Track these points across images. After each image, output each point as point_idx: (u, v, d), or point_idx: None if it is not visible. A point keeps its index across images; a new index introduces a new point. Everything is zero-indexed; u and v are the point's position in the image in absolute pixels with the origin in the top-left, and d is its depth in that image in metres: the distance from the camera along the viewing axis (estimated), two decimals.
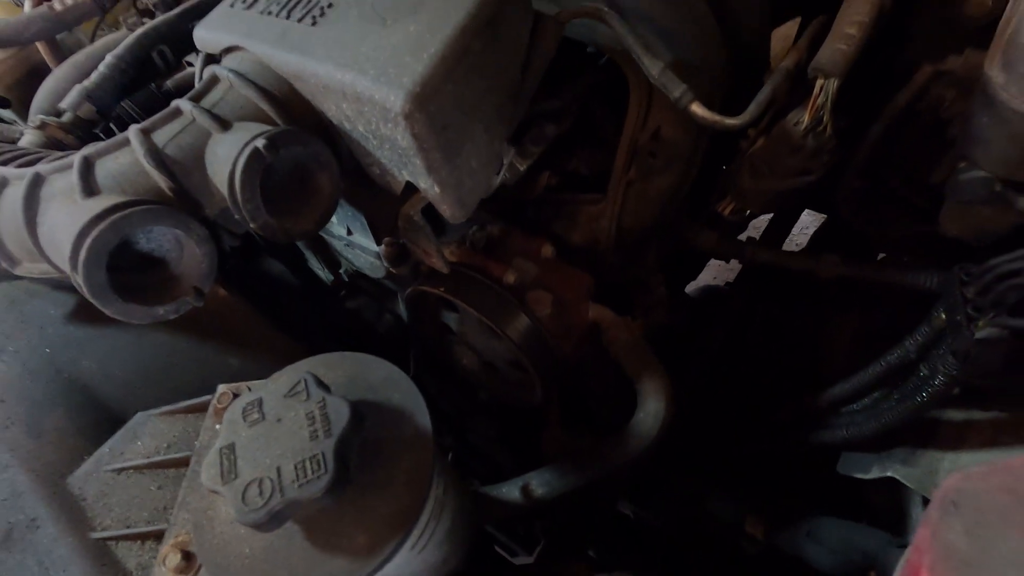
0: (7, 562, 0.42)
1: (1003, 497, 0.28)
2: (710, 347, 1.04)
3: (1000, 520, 0.27)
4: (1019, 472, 0.29)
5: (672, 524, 0.98)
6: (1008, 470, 0.29)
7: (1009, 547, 0.26)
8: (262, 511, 0.33)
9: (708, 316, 1.08)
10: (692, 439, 0.96)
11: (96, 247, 0.45)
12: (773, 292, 1.08)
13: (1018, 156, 0.54)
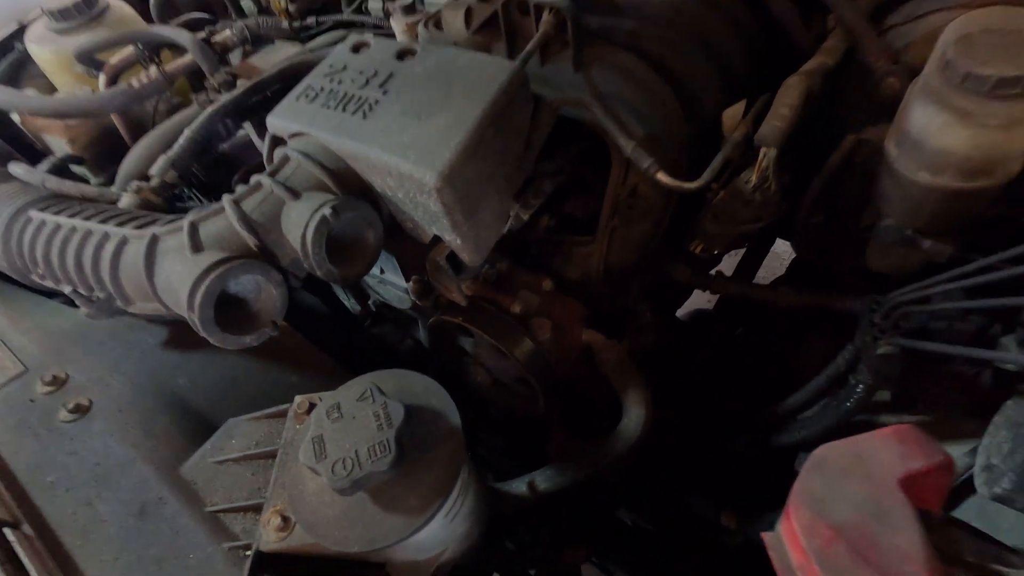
0: (145, 529, 0.56)
1: (848, 460, 0.42)
2: (697, 366, 1.18)
3: (843, 474, 0.41)
4: (861, 444, 0.43)
5: (662, 525, 1.11)
6: (854, 443, 0.43)
7: (847, 489, 0.40)
8: (347, 480, 0.47)
9: (696, 338, 1.22)
10: (679, 447, 1.09)
11: (208, 292, 0.59)
12: (752, 317, 1.22)
13: (913, 210, 0.68)
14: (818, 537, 0.39)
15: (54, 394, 0.69)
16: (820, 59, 0.80)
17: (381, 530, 0.49)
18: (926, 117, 0.61)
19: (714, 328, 1.21)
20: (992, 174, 0.61)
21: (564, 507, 0.89)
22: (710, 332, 1.21)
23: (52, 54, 1.22)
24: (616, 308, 0.93)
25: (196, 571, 0.52)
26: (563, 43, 0.76)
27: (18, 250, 0.79)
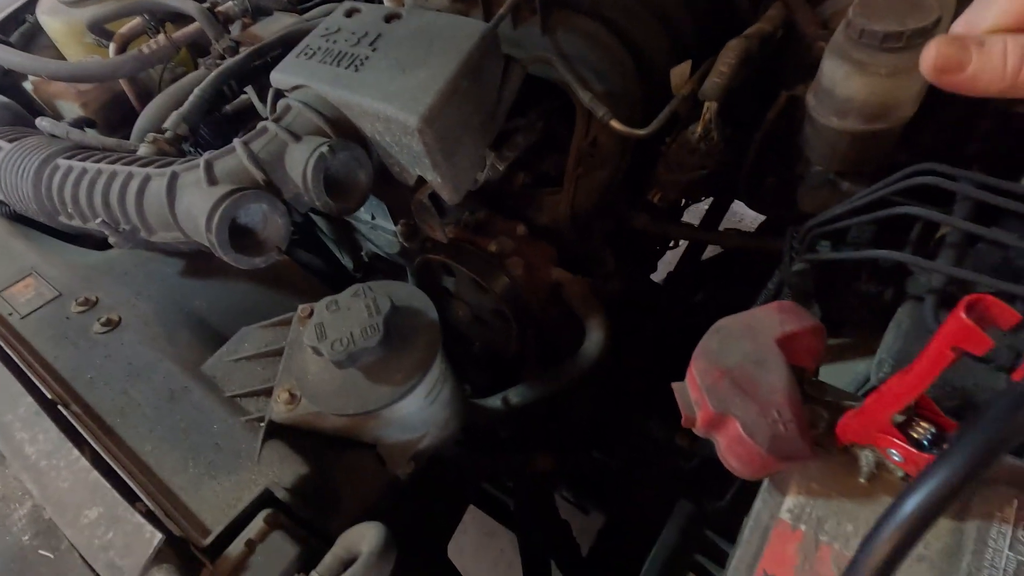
0: (174, 409, 0.66)
1: (739, 325, 0.53)
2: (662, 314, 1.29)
3: (735, 335, 0.52)
4: (751, 315, 0.54)
5: (627, 456, 1.23)
6: (746, 314, 0.54)
7: (736, 345, 0.51)
8: (343, 353, 0.58)
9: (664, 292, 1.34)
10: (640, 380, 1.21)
11: (223, 216, 0.70)
12: (716, 274, 1.34)
13: (829, 154, 0.79)
14: (709, 377, 0.50)
15: (87, 313, 0.79)
16: (760, 26, 0.90)
17: (371, 397, 0.60)
18: (832, 69, 0.72)
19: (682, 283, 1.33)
20: (887, 117, 0.72)
21: (535, 421, 1.00)
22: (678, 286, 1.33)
23: (63, 24, 1.30)
24: (582, 251, 1.04)
25: (219, 437, 0.63)
26: (532, 9, 0.86)
27: (47, 194, 0.89)
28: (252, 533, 0.53)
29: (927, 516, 0.21)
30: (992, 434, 0.21)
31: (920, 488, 0.22)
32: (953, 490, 0.21)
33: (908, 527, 0.21)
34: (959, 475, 0.21)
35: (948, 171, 0.60)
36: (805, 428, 0.48)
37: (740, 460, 0.48)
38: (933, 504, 0.21)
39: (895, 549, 0.21)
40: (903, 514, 0.22)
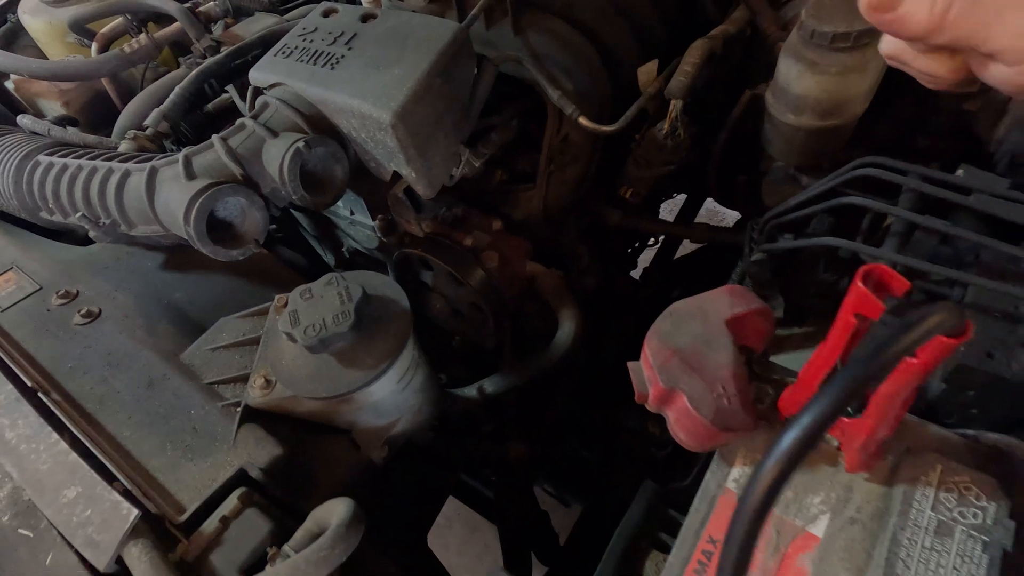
0: (153, 396, 0.68)
1: (691, 308, 0.56)
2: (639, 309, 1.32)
3: (686, 317, 0.55)
4: (702, 298, 0.57)
5: (602, 445, 1.26)
6: (697, 297, 0.57)
7: (687, 327, 0.54)
8: (315, 339, 0.60)
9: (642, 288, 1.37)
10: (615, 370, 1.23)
11: (201, 208, 0.72)
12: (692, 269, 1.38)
13: (787, 149, 0.83)
14: (661, 356, 0.53)
15: (67, 305, 0.80)
16: (724, 27, 0.94)
17: (343, 381, 0.62)
18: (787, 68, 0.75)
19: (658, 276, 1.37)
20: (840, 114, 0.75)
21: (515, 413, 1.03)
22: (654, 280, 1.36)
23: (45, 24, 1.31)
24: (557, 246, 1.07)
25: (196, 422, 0.65)
26: (504, 10, 0.89)
27: (29, 190, 0.90)
28: (227, 510, 0.56)
29: (800, 449, 0.24)
30: (848, 381, 0.24)
31: (794, 427, 0.24)
32: (820, 427, 0.24)
33: (786, 459, 0.24)
34: (823, 415, 0.24)
35: (890, 163, 0.64)
36: (748, 402, 0.51)
37: (687, 432, 0.51)
38: (805, 439, 0.24)
39: (776, 478, 0.24)
40: (781, 448, 0.25)
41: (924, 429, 0.51)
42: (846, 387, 0.25)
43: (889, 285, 0.31)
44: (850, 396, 0.25)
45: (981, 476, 0.47)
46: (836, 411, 0.24)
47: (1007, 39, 0.37)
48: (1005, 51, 0.37)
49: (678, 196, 1.43)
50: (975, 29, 0.37)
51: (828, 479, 0.50)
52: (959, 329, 0.28)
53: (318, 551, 0.48)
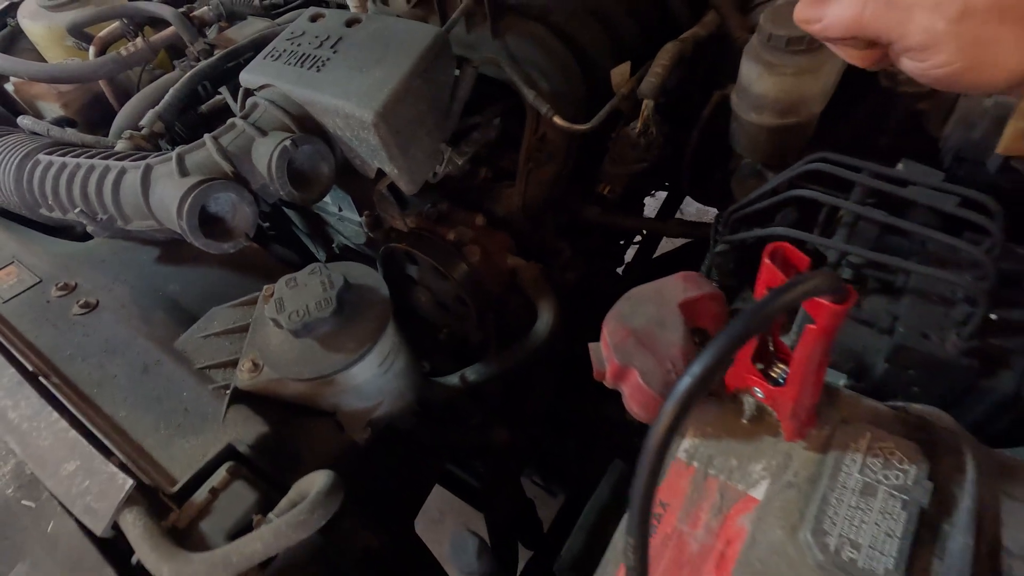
0: (147, 380, 0.72)
1: (648, 292, 0.60)
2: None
3: (643, 301, 0.59)
4: (659, 283, 0.61)
5: (584, 437, 1.30)
6: (655, 283, 0.61)
7: (643, 309, 0.59)
8: (299, 323, 0.64)
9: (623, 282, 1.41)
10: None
11: (193, 203, 0.76)
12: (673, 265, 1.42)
13: (752, 146, 0.87)
14: (617, 336, 0.57)
15: (66, 297, 0.84)
16: (695, 30, 0.98)
17: (326, 363, 0.66)
18: (748, 69, 0.80)
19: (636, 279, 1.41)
20: (797, 112, 0.80)
21: (493, 400, 1.07)
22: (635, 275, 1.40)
23: (44, 29, 1.35)
24: (537, 241, 1.11)
25: (188, 403, 0.69)
26: (484, 15, 0.94)
27: (29, 188, 0.94)
28: (215, 482, 0.60)
29: (693, 394, 0.28)
30: (730, 334, 0.29)
31: (687, 375, 0.29)
32: (709, 374, 0.28)
33: (680, 403, 0.28)
34: (711, 364, 0.28)
35: (838, 159, 0.68)
36: None
37: (640, 405, 0.55)
38: (696, 385, 0.28)
39: (673, 419, 0.28)
40: (677, 393, 0.29)
41: (859, 402, 0.56)
42: (729, 340, 0.29)
43: (793, 261, 0.35)
44: (732, 347, 0.29)
45: (905, 442, 0.51)
46: (721, 360, 0.29)
47: (917, 36, 0.41)
48: (915, 46, 0.42)
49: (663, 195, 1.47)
50: (890, 27, 0.42)
51: (770, 448, 0.54)
52: (841, 295, 0.32)
53: (298, 515, 0.52)
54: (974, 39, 0.39)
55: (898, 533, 0.46)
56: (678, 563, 0.50)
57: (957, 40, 0.40)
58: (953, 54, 0.40)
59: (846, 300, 0.32)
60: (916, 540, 0.46)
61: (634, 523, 0.29)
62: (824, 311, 0.34)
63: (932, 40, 0.40)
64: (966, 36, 0.39)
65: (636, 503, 0.29)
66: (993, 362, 0.60)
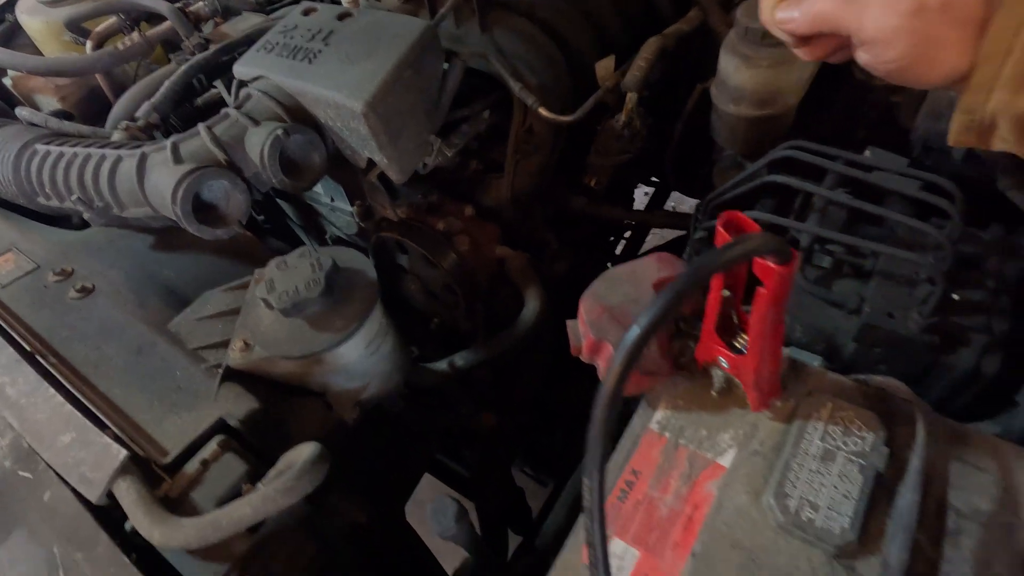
0: (142, 360, 0.74)
1: (624, 272, 0.63)
2: None
3: (619, 281, 0.62)
4: (634, 264, 0.64)
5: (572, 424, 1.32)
6: (630, 263, 0.64)
7: (619, 288, 0.61)
8: (289, 302, 0.67)
9: None
10: None
11: (187, 189, 0.78)
12: None
13: (731, 137, 0.90)
14: (593, 313, 0.60)
15: (63, 282, 0.86)
16: (678, 26, 1.01)
17: (315, 342, 0.69)
18: (726, 62, 0.82)
19: None
20: (774, 104, 0.83)
21: (482, 387, 1.09)
22: None
23: (42, 24, 1.37)
24: (526, 231, 1.13)
25: (181, 382, 0.71)
26: (472, 10, 0.96)
27: (27, 177, 0.96)
28: (207, 454, 0.62)
29: (638, 345, 0.31)
30: (677, 286, 0.31)
31: (633, 329, 0.31)
32: (653, 327, 0.31)
33: (628, 354, 0.31)
34: (655, 318, 0.30)
35: (809, 146, 0.71)
36: (667, 351, 0.58)
37: None
38: (642, 337, 0.30)
39: (621, 370, 0.31)
40: (624, 346, 0.31)
41: (823, 376, 0.58)
42: (673, 292, 0.31)
43: (746, 230, 0.37)
44: (675, 301, 0.31)
45: (864, 411, 0.53)
46: (667, 311, 0.31)
47: (871, 31, 0.44)
48: (869, 40, 0.45)
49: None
50: (848, 20, 0.45)
51: (738, 419, 0.57)
52: (784, 256, 0.34)
53: (286, 482, 0.55)
54: (923, 36, 0.42)
55: (854, 495, 0.49)
56: (648, 527, 0.52)
57: (908, 36, 0.43)
58: (903, 49, 0.43)
59: (790, 262, 0.35)
60: (871, 502, 0.49)
61: (592, 465, 0.32)
62: (771, 274, 0.36)
63: (884, 35, 0.43)
64: (916, 33, 0.42)
65: (593, 445, 0.31)
66: (954, 340, 0.63)
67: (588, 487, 0.32)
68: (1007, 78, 0.41)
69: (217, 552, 0.55)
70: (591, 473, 0.32)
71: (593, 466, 0.31)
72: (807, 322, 0.72)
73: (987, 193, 0.71)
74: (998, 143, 0.46)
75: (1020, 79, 0.41)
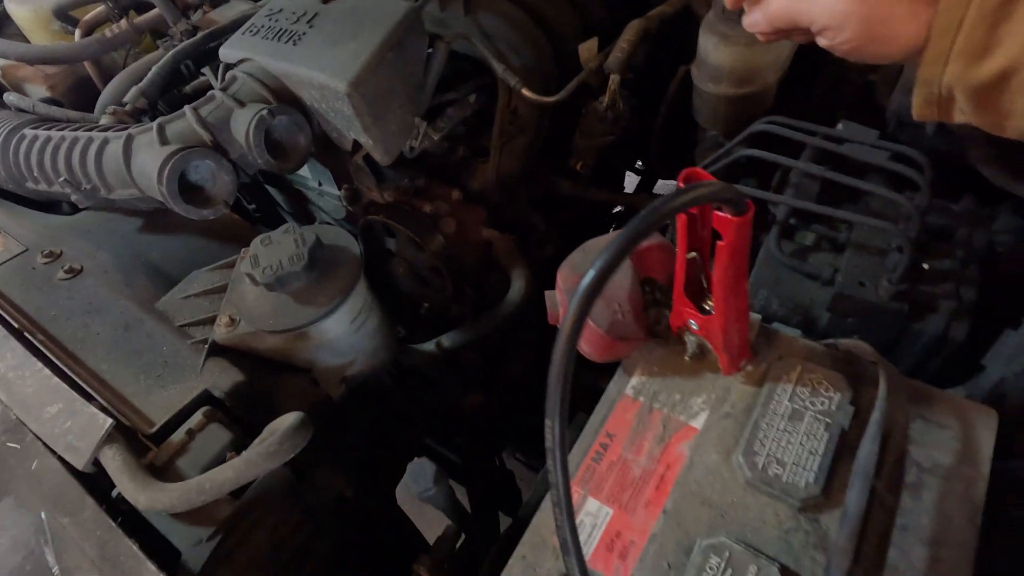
0: (129, 337, 0.75)
1: (601, 244, 0.64)
2: None
3: (594, 251, 0.63)
4: (611, 236, 0.65)
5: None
6: (609, 236, 0.65)
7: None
8: (272, 277, 0.68)
9: None
10: None
11: (173, 168, 0.79)
12: None
13: (712, 116, 0.91)
14: (570, 281, 0.61)
15: (51, 264, 0.87)
16: (661, 8, 1.02)
17: (299, 316, 0.70)
18: (705, 41, 0.84)
19: None
20: (752, 82, 0.84)
21: (469, 367, 1.11)
22: None
23: (30, 13, 1.38)
24: (512, 214, 1.15)
25: (168, 357, 0.72)
26: None
27: (15, 161, 0.97)
28: (192, 424, 0.63)
29: (594, 289, 0.32)
30: (630, 230, 0.32)
31: (589, 273, 0.32)
32: (608, 270, 0.32)
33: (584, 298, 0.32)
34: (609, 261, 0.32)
35: (783, 121, 0.72)
36: (640, 317, 0.59)
37: (589, 343, 0.59)
38: (596, 280, 0.32)
39: (578, 313, 0.32)
40: (580, 291, 0.32)
41: (794, 341, 0.60)
42: (627, 236, 0.33)
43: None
44: (629, 243, 0.33)
45: (831, 373, 0.55)
46: (621, 255, 0.32)
47: (824, 19, 0.46)
48: (823, 27, 0.47)
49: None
50: (801, 13, 0.48)
51: (710, 383, 0.58)
52: (739, 206, 0.36)
53: (268, 446, 0.56)
54: (870, 16, 0.45)
55: (820, 451, 0.50)
56: (621, 486, 0.54)
57: (856, 18, 0.45)
58: (855, 30, 0.46)
59: (745, 212, 0.36)
60: (836, 458, 0.50)
61: (553, 406, 0.33)
62: (728, 225, 0.37)
63: (835, 20, 0.46)
64: (863, 14, 0.45)
65: (554, 387, 0.32)
66: (923, 307, 0.64)
67: (550, 428, 0.34)
68: (959, 50, 0.42)
69: (201, 516, 0.56)
70: (552, 414, 0.33)
71: (554, 407, 0.33)
72: (784, 295, 0.74)
73: (959, 166, 0.72)
74: (958, 115, 0.47)
75: (973, 51, 0.42)
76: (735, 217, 0.36)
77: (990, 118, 0.45)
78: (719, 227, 0.38)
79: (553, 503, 0.35)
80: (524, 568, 0.51)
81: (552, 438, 0.33)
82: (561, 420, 0.33)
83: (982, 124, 0.46)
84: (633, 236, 0.32)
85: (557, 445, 0.32)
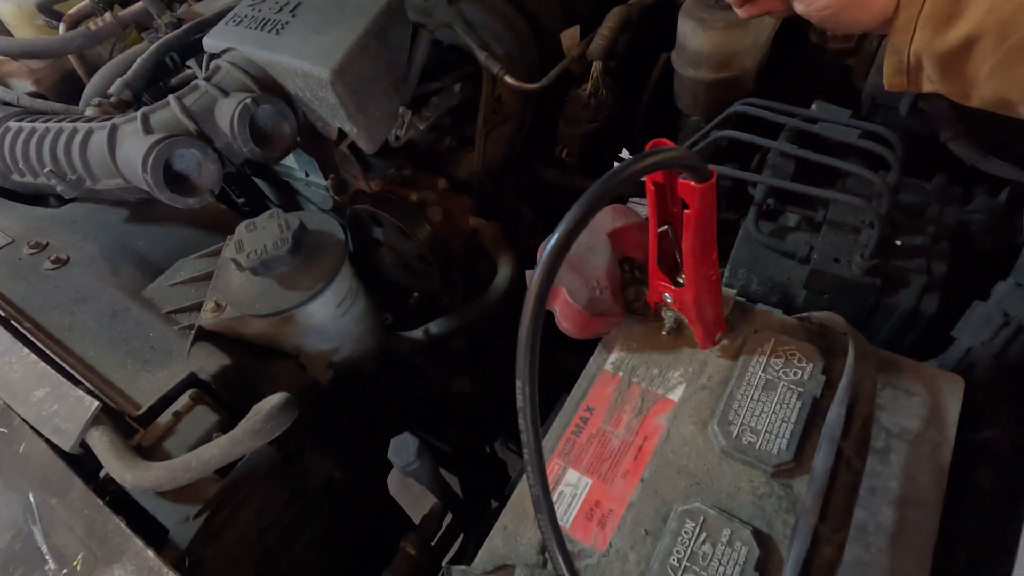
0: (118, 325, 0.76)
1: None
2: None
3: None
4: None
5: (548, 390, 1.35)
6: None
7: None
8: (257, 261, 0.68)
9: None
10: None
11: (158, 156, 0.80)
12: None
13: (693, 101, 0.92)
14: None
15: (38, 254, 0.87)
16: None
17: (284, 300, 0.70)
18: (684, 26, 0.85)
19: None
20: (731, 66, 0.85)
21: (457, 355, 1.12)
22: None
23: (14, 7, 1.37)
24: (499, 203, 1.15)
25: (155, 342, 0.73)
26: None
27: (0, 154, 0.97)
28: (179, 406, 0.64)
29: (560, 249, 0.33)
30: (592, 193, 0.33)
31: (554, 234, 0.34)
32: (573, 231, 0.33)
33: (551, 257, 0.33)
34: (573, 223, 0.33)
35: (759, 102, 0.73)
36: (618, 294, 0.60)
37: (568, 320, 0.60)
38: (563, 240, 0.33)
39: (546, 272, 0.33)
40: (546, 252, 0.34)
41: (770, 316, 0.61)
42: (589, 199, 0.34)
43: None
44: (592, 205, 0.34)
45: (804, 345, 0.56)
46: (585, 217, 0.33)
47: None
48: None
49: None
50: None
51: (688, 358, 0.60)
52: (701, 173, 0.37)
53: (254, 424, 0.57)
54: None
55: (792, 419, 0.52)
56: (600, 457, 0.55)
57: None
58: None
59: (707, 178, 0.37)
60: (808, 425, 0.51)
61: (523, 367, 0.34)
62: (693, 192, 0.38)
63: None
64: None
65: (523, 348, 0.34)
66: (895, 281, 0.65)
67: (520, 389, 0.35)
68: (926, 18, 0.44)
69: (188, 494, 0.57)
70: (522, 375, 0.34)
71: (524, 368, 0.34)
72: (763, 274, 0.75)
73: (932, 146, 0.74)
74: (926, 84, 0.48)
75: (938, 18, 0.43)
76: (698, 184, 0.37)
77: (956, 86, 0.46)
78: (684, 195, 0.40)
79: (526, 460, 0.36)
80: (506, 538, 0.52)
81: (523, 398, 0.34)
82: (531, 380, 0.34)
83: (949, 92, 0.47)
84: (595, 198, 0.33)
85: (527, 403, 0.34)
